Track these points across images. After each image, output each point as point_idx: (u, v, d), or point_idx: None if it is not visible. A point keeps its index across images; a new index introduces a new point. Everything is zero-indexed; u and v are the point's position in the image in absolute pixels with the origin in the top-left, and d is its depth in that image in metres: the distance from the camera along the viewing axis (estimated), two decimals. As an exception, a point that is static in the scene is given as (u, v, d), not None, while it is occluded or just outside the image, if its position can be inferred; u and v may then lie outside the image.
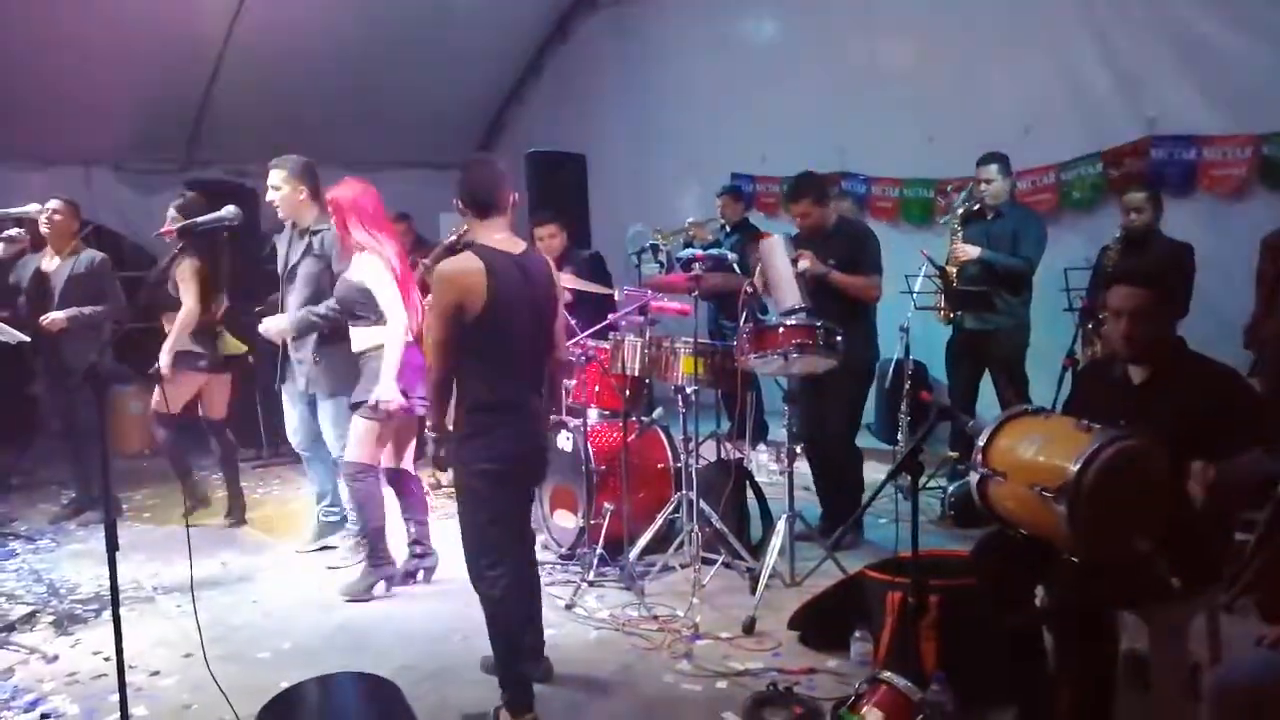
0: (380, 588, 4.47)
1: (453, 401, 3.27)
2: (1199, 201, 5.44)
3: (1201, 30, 5.41)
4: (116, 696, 2.86)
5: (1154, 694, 2.82)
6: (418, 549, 4.59)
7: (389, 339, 4.25)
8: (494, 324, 3.05)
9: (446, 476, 5.47)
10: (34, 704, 3.47)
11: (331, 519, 5.17)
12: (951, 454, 5.59)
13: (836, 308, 4.52)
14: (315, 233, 4.70)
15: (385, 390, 4.21)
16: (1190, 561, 2.67)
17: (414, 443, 4.74)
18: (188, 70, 8.22)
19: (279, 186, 4.70)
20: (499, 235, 3.18)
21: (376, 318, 4.32)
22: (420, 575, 4.61)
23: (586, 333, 4.81)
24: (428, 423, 3.41)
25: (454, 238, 5.49)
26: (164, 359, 5.17)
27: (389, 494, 4.60)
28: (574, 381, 4.97)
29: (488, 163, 3.39)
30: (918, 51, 6.83)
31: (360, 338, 4.41)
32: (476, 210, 3.20)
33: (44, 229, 5.49)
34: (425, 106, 9.32)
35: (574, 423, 4.80)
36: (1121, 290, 2.87)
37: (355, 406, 4.37)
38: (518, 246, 3.22)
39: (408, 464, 4.69)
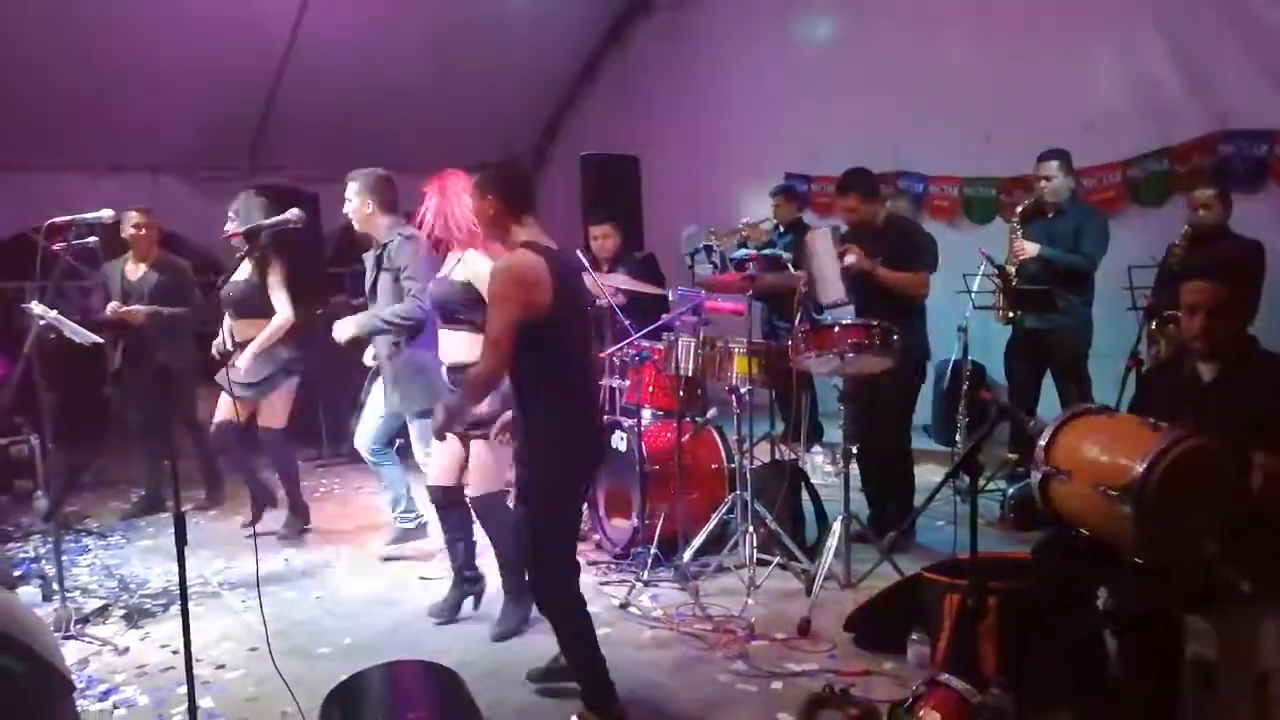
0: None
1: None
2: (1270, 197, 5.29)
3: (1273, 21, 5.25)
4: (184, 688, 2.93)
5: (1220, 701, 2.75)
6: (469, 573, 4.28)
7: None
8: (560, 322, 3.02)
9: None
10: (107, 694, 3.58)
11: (408, 524, 5.13)
12: (1011, 455, 5.51)
13: (885, 304, 4.48)
14: (384, 245, 4.57)
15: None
16: (1261, 564, 2.60)
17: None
18: (251, 78, 8.41)
19: (350, 199, 4.63)
20: (538, 233, 3.15)
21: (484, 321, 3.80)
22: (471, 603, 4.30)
23: (640, 333, 4.83)
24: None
25: None
26: (245, 362, 5.14)
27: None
28: (628, 382, 4.99)
29: (517, 162, 3.36)
30: (975, 47, 6.73)
31: (460, 347, 3.92)
32: (517, 207, 3.15)
33: (129, 240, 5.80)
34: (482, 112, 9.41)
35: (628, 423, 4.82)
36: (1197, 285, 2.81)
37: (479, 425, 3.79)
38: (553, 243, 3.18)
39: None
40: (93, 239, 4.94)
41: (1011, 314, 5.34)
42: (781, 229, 6.84)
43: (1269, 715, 2.48)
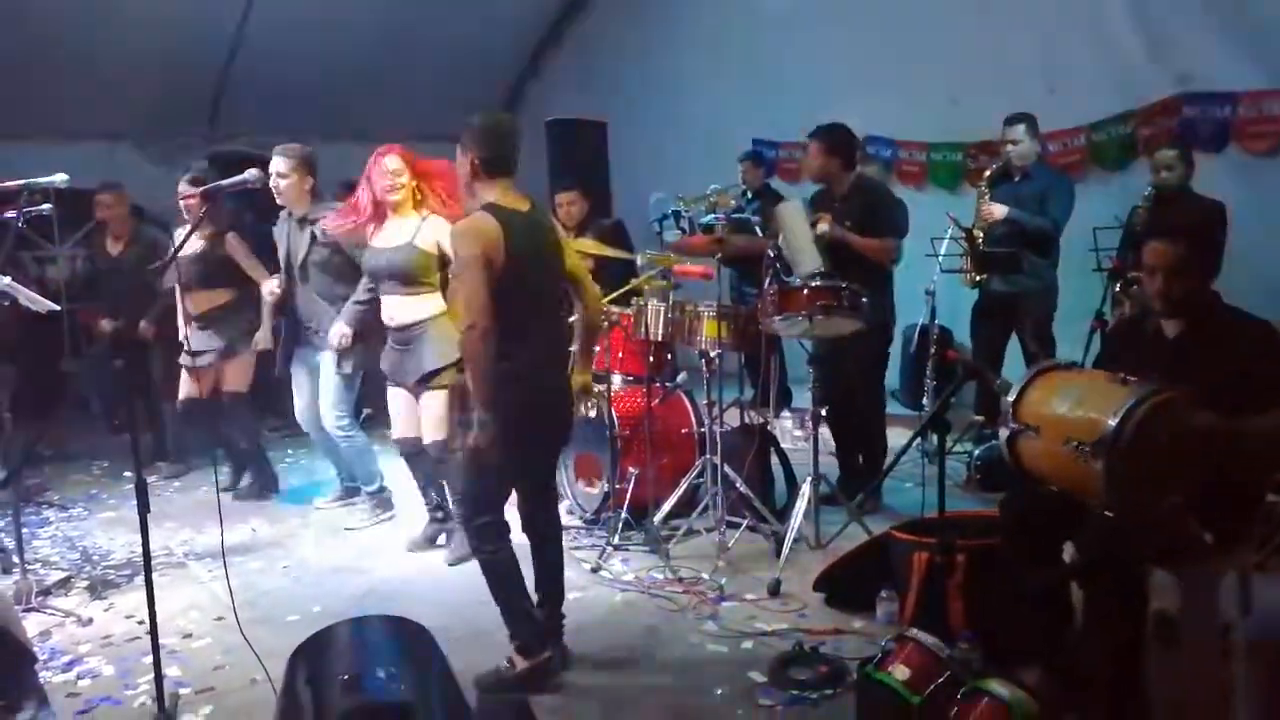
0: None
1: None
2: (1232, 158, 5.34)
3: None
4: (150, 658, 2.91)
5: (1184, 652, 2.80)
6: (439, 514, 4.63)
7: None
8: (511, 283, 3.04)
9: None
10: (71, 665, 3.53)
11: (352, 484, 5.25)
12: (977, 418, 5.56)
13: (856, 270, 4.46)
14: (313, 221, 4.73)
15: None
16: (1223, 517, 2.63)
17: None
18: (208, 44, 8.24)
19: (286, 174, 4.71)
20: (509, 195, 3.16)
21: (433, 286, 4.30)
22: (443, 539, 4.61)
23: (609, 298, 4.80)
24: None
25: None
26: (265, 336, 5.22)
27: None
28: (597, 348, 4.96)
29: (506, 120, 3.33)
30: (941, 12, 6.71)
31: (416, 308, 4.30)
32: (491, 169, 3.15)
33: (102, 222, 5.89)
34: (446, 77, 9.28)
35: (598, 388, 4.79)
36: (1155, 245, 2.84)
37: (425, 380, 4.29)
38: (525, 204, 3.20)
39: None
40: (46, 206, 4.82)
41: (978, 277, 5.36)
42: (750, 195, 6.82)
43: (1229, 666, 2.53)
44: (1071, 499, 2.71)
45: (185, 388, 5.41)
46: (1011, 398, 2.76)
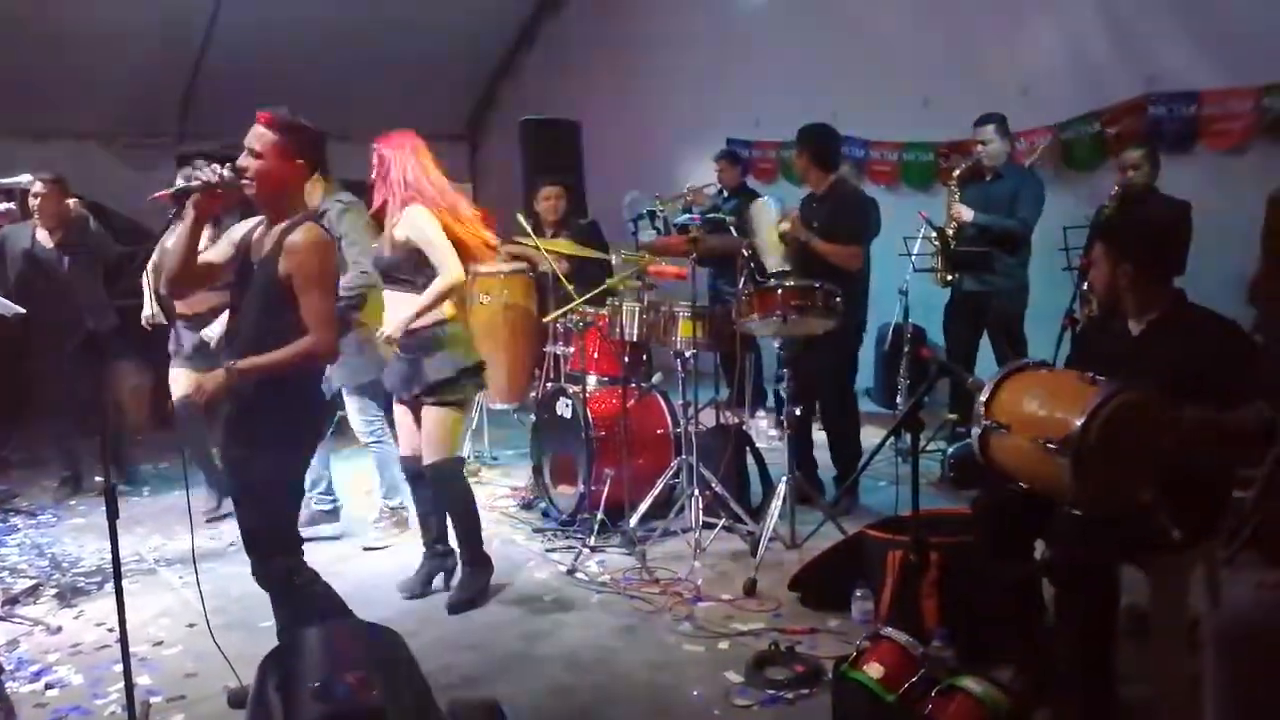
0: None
1: None
2: (1199, 157, 5.40)
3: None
4: (120, 666, 2.87)
5: (1154, 647, 2.83)
6: (439, 547, 4.16)
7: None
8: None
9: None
10: (39, 674, 3.48)
11: (324, 507, 4.96)
12: (950, 416, 5.59)
13: (823, 272, 4.47)
14: (320, 214, 4.48)
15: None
16: (1191, 513, 2.66)
17: None
18: (179, 42, 8.16)
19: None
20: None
21: (425, 281, 3.78)
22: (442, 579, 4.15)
23: (584, 298, 4.79)
24: None
25: None
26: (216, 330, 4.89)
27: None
28: (572, 349, 4.97)
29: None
30: (913, 12, 6.75)
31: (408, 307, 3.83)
32: (315, 173, 3.10)
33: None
34: (418, 76, 9.24)
35: (573, 389, 4.79)
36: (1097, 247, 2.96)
37: (430, 392, 3.84)
38: None
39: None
40: (9, 204, 4.77)
41: (950, 277, 5.40)
42: (725, 194, 6.84)
43: (1199, 659, 2.55)
44: (1042, 497, 2.74)
45: (180, 386, 5.04)
46: (984, 396, 2.78)
